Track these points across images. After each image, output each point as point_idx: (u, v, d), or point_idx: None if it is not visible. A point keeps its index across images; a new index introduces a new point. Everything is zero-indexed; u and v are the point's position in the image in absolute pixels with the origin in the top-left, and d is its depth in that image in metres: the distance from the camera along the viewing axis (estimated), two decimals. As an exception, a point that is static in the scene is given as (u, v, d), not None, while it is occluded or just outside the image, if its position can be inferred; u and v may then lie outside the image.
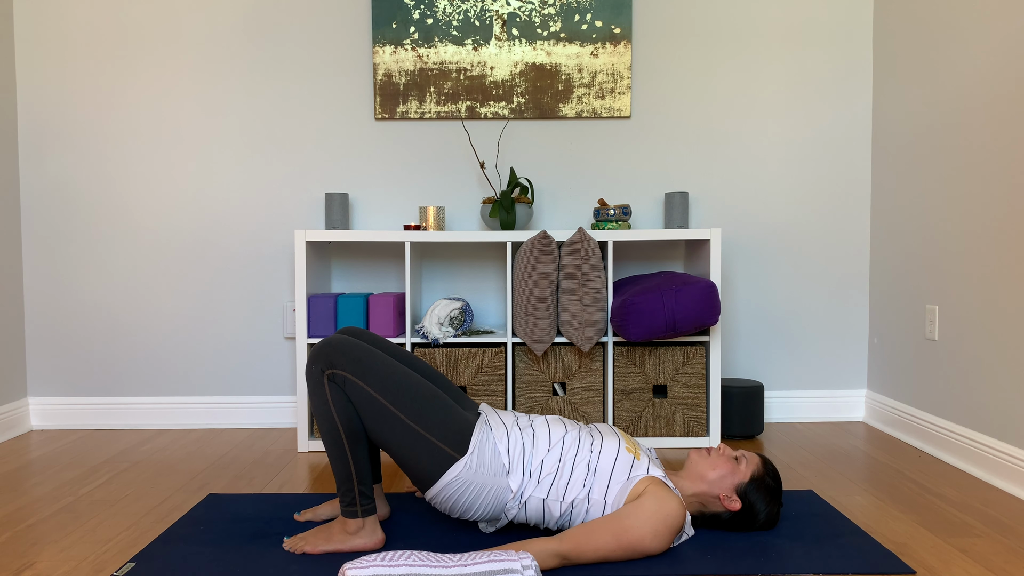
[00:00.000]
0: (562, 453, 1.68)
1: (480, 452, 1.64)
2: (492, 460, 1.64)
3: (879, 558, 1.62)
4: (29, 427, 2.91)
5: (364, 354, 1.64)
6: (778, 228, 2.96)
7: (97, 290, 2.92)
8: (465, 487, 1.62)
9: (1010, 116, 2.13)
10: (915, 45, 2.62)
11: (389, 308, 2.56)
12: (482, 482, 1.63)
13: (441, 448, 1.62)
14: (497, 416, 1.76)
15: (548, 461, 1.67)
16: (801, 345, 2.98)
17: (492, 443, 1.66)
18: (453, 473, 1.61)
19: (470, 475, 1.62)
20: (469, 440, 1.64)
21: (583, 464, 1.66)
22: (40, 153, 2.89)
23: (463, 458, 1.62)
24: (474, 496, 1.63)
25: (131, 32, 2.88)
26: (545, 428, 1.73)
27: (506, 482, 1.64)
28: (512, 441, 1.68)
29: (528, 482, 1.65)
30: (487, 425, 1.70)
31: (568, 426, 1.75)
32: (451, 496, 1.63)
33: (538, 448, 1.68)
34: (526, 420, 1.77)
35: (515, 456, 1.66)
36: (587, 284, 2.48)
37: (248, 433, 2.83)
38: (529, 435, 1.71)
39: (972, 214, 2.30)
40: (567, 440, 1.70)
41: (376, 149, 2.92)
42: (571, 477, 1.65)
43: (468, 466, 1.62)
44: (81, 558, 1.67)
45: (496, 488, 1.64)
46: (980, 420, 2.27)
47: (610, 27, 2.87)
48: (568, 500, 1.64)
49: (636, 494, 1.61)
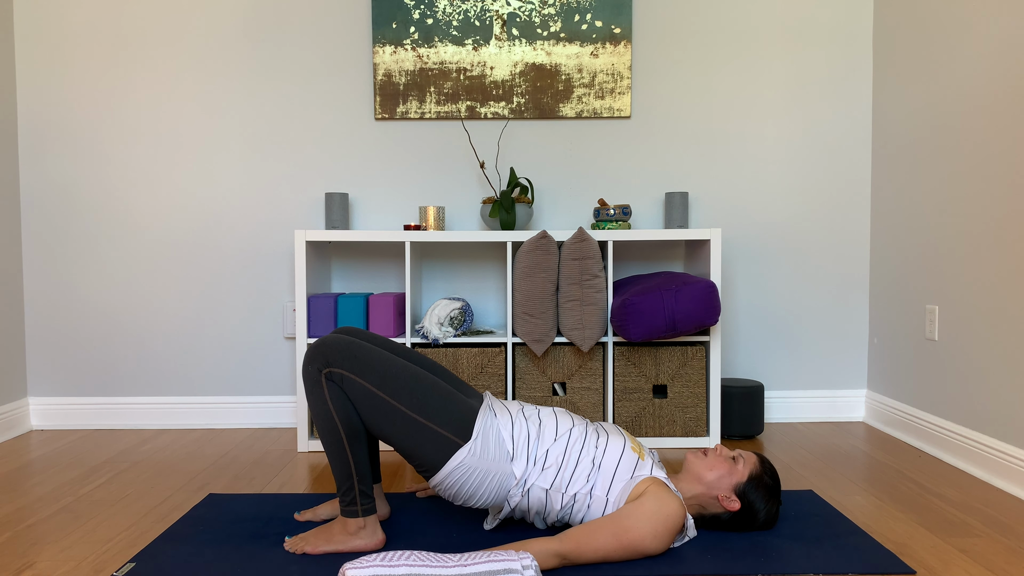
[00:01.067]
0: (568, 445, 1.68)
1: (484, 438, 1.64)
2: (496, 446, 1.65)
3: (879, 558, 1.62)
4: (29, 427, 2.91)
5: (360, 350, 1.64)
6: (778, 228, 2.96)
7: (97, 290, 2.92)
8: (470, 473, 1.63)
9: (1010, 116, 2.13)
10: (915, 45, 2.62)
11: (389, 308, 2.56)
12: (486, 468, 1.63)
13: (444, 435, 1.62)
14: (502, 404, 1.77)
15: (553, 452, 1.67)
16: (801, 345, 2.98)
17: (496, 429, 1.67)
18: (458, 459, 1.62)
19: (474, 461, 1.62)
20: (472, 426, 1.65)
21: (588, 459, 1.67)
22: (40, 153, 2.89)
23: (467, 444, 1.63)
24: (478, 482, 1.64)
25: (131, 32, 2.88)
26: (552, 419, 1.74)
27: (510, 468, 1.65)
28: (517, 428, 1.69)
29: (532, 470, 1.65)
30: (491, 411, 1.71)
31: (575, 420, 1.76)
32: (456, 482, 1.64)
33: (544, 438, 1.69)
34: (533, 410, 1.77)
35: (519, 443, 1.67)
36: (587, 284, 2.48)
37: (248, 433, 2.83)
38: (535, 424, 1.71)
39: (972, 214, 2.30)
40: (573, 433, 1.71)
41: (376, 149, 2.92)
42: (575, 470, 1.66)
43: (472, 452, 1.62)
44: (81, 558, 1.67)
45: (500, 474, 1.64)
46: (980, 420, 2.27)
47: (610, 27, 2.87)
48: (570, 493, 1.65)
49: (637, 494, 1.61)
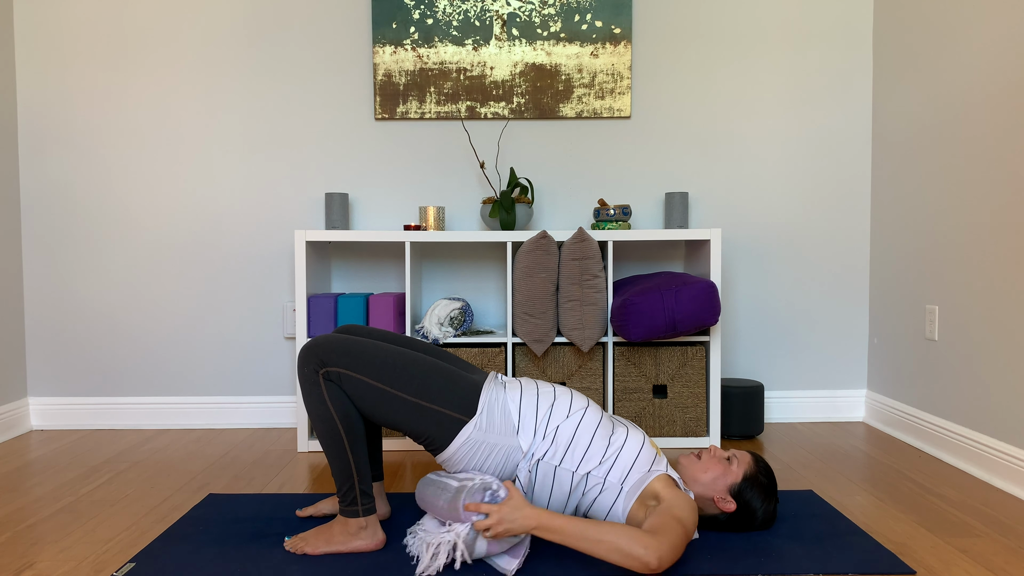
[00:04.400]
0: (581, 423, 1.66)
1: (489, 412, 1.64)
2: (502, 419, 1.64)
3: (879, 558, 1.62)
4: (29, 427, 2.91)
5: (354, 346, 1.64)
6: (778, 228, 2.96)
7: (97, 290, 2.92)
8: (476, 447, 1.62)
9: (1010, 116, 2.13)
10: (915, 45, 2.62)
11: (389, 308, 2.56)
12: (493, 441, 1.63)
13: (449, 415, 1.62)
14: (515, 380, 1.76)
15: (565, 428, 1.65)
16: (801, 345, 2.98)
17: (502, 401, 1.66)
18: (464, 435, 1.62)
19: (480, 435, 1.62)
20: (477, 401, 1.64)
21: (602, 439, 1.65)
22: (40, 153, 2.89)
23: (472, 419, 1.62)
24: (484, 456, 1.63)
25: (131, 32, 2.88)
26: (567, 396, 1.72)
27: (516, 442, 1.64)
28: (526, 401, 1.68)
29: (540, 444, 1.64)
30: (499, 384, 1.70)
31: (591, 403, 1.74)
32: (462, 458, 1.63)
33: (556, 413, 1.67)
34: (548, 387, 1.75)
35: (527, 415, 1.66)
36: (587, 284, 2.48)
37: (248, 433, 2.83)
38: (548, 399, 1.69)
39: (972, 214, 2.30)
40: (588, 413, 1.69)
41: (376, 149, 2.92)
42: (588, 449, 1.64)
43: (478, 426, 1.62)
44: (81, 558, 1.67)
45: (507, 448, 1.64)
46: (980, 420, 2.27)
47: (610, 27, 2.87)
48: (582, 472, 1.62)
49: (655, 490, 1.60)
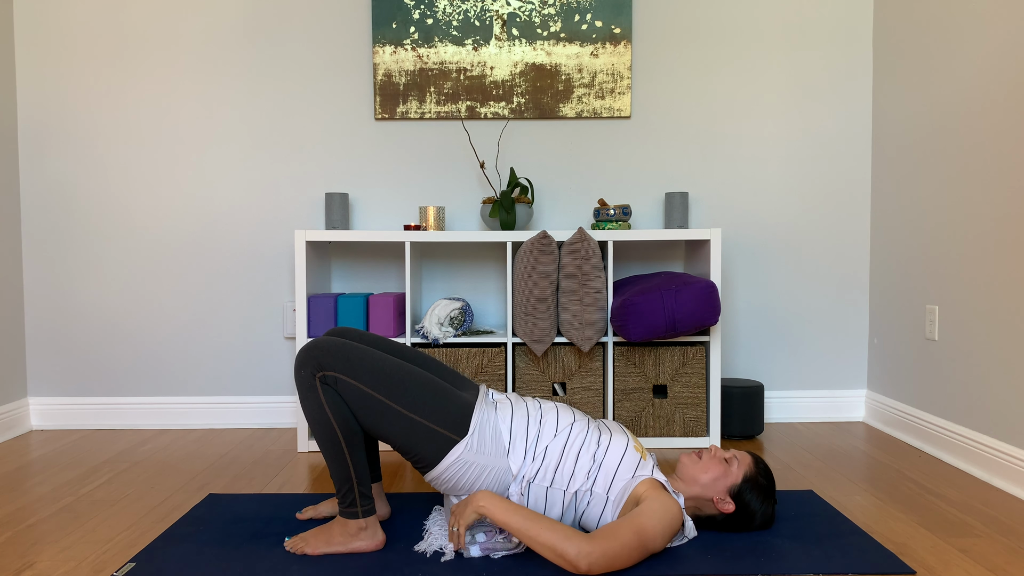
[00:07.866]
0: (568, 441, 1.67)
1: (481, 432, 1.64)
2: (493, 440, 1.65)
3: (879, 558, 1.62)
4: (29, 427, 2.91)
5: (353, 352, 1.63)
6: (778, 228, 2.96)
7: (97, 290, 2.92)
8: (466, 468, 1.62)
9: (1010, 117, 2.13)
10: (915, 45, 2.62)
11: (389, 308, 2.56)
12: (483, 463, 1.63)
13: (441, 432, 1.62)
14: (504, 396, 1.76)
15: (553, 448, 1.66)
16: (801, 345, 2.98)
17: (493, 422, 1.67)
18: (455, 455, 1.61)
19: (471, 456, 1.62)
20: (469, 421, 1.64)
21: (588, 455, 1.66)
22: (40, 153, 2.89)
23: (464, 439, 1.62)
24: (475, 477, 1.63)
25: (131, 32, 2.88)
26: (553, 413, 1.73)
27: (506, 463, 1.64)
28: (516, 422, 1.68)
29: (531, 465, 1.64)
30: (490, 404, 1.70)
31: (576, 415, 1.75)
32: (452, 477, 1.63)
33: (544, 433, 1.68)
34: (535, 404, 1.76)
35: (517, 436, 1.66)
36: (587, 284, 2.48)
37: (248, 433, 2.83)
38: (536, 419, 1.70)
39: (972, 214, 2.30)
40: (575, 429, 1.70)
41: (376, 149, 2.92)
42: (575, 467, 1.65)
43: (469, 447, 1.62)
44: (81, 558, 1.67)
45: (497, 469, 1.64)
46: (980, 420, 2.27)
47: (610, 27, 2.87)
48: (571, 491, 1.64)
49: (638, 494, 1.61)
